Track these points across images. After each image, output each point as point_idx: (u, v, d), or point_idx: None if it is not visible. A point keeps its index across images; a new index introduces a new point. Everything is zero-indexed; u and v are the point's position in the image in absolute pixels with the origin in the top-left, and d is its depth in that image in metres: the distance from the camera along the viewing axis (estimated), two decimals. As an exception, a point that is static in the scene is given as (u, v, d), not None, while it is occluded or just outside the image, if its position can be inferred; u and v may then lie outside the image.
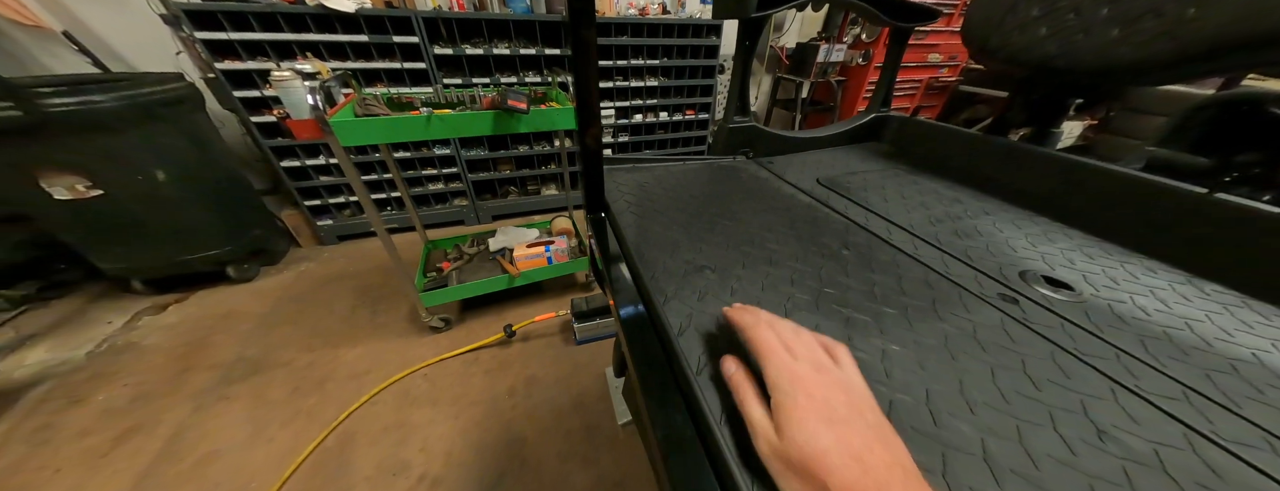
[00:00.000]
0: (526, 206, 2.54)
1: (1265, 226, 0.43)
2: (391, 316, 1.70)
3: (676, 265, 0.46)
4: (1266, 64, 0.53)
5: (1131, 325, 0.39)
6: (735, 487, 0.24)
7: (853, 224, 0.57)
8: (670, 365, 0.34)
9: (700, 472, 0.26)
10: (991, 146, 0.72)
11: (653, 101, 2.47)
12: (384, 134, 1.08)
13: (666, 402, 0.31)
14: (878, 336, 0.36)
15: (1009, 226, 0.57)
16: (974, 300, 0.41)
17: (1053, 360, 0.34)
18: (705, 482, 0.25)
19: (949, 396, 0.30)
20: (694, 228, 0.55)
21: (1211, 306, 0.42)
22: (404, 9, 1.81)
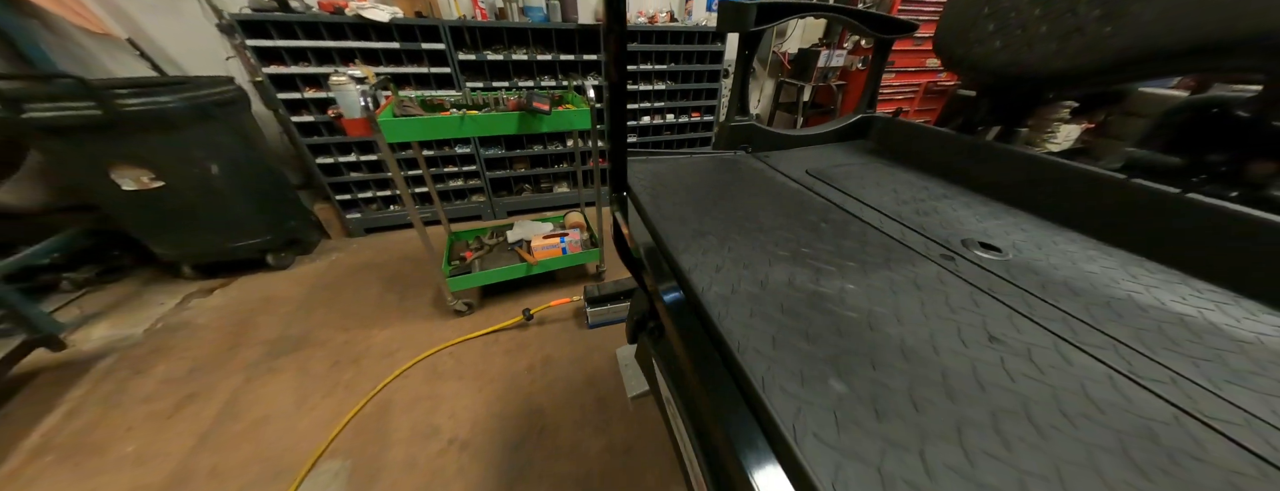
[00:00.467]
0: (540, 203, 2.67)
1: (1167, 206, 0.54)
2: (418, 302, 1.84)
3: (685, 231, 0.58)
4: (1158, 74, 0.63)
5: (1040, 275, 0.50)
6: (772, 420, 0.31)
7: (832, 204, 0.68)
8: (688, 297, 0.45)
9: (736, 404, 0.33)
10: (959, 142, 0.83)
11: (660, 104, 2.60)
12: (423, 131, 1.21)
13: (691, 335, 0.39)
14: (839, 279, 0.47)
15: (963, 207, 0.68)
16: (920, 258, 0.52)
17: (970, 297, 0.45)
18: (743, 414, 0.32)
19: (884, 315, 0.42)
20: (698, 205, 0.66)
21: (1109, 264, 0.52)
22: (432, 18, 1.95)
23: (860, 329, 0.39)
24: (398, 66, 2.01)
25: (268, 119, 2.20)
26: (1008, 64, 0.72)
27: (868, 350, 0.37)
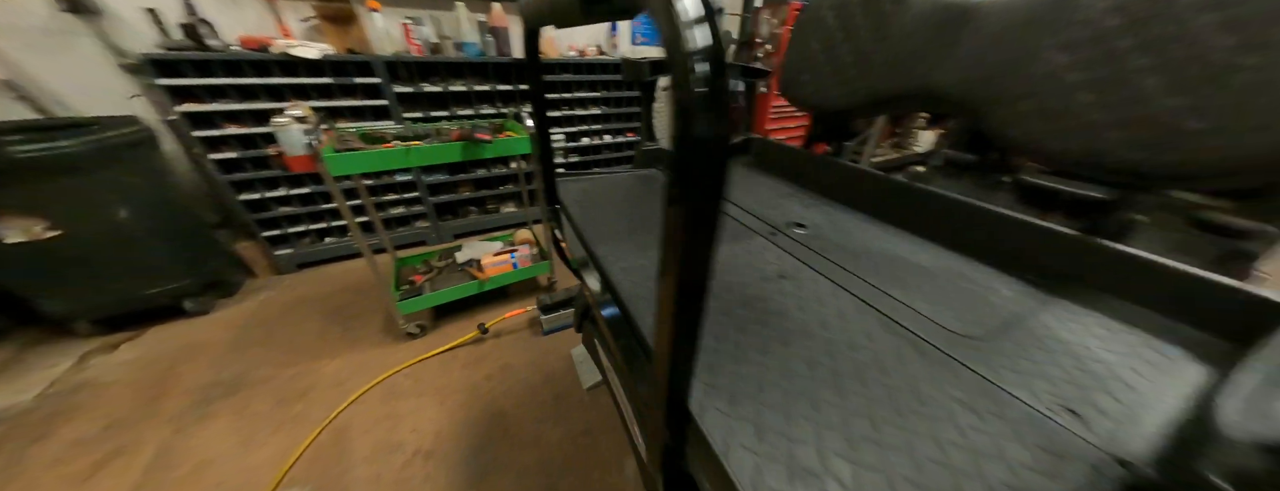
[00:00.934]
0: (487, 224, 2.75)
1: (911, 193, 0.84)
2: (366, 330, 1.83)
3: (607, 232, 0.77)
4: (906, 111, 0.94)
5: (829, 241, 0.76)
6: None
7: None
8: (605, 282, 0.64)
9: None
10: (804, 156, 1.13)
11: (598, 126, 2.84)
12: (369, 164, 1.31)
13: (616, 315, 0.58)
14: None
15: (795, 201, 0.95)
16: (754, 235, 0.77)
17: (776, 255, 0.69)
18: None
19: (721, 269, 0.64)
20: (618, 213, 0.86)
21: (884, 234, 0.80)
22: (366, 55, 2.03)
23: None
24: (330, 100, 2.04)
25: (180, 158, 2.09)
26: (818, 101, 1.03)
27: (712, 289, 0.58)
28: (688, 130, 0.22)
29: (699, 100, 0.21)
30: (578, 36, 2.79)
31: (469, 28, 2.25)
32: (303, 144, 1.15)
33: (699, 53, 0.21)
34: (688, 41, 0.21)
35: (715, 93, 0.21)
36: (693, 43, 0.21)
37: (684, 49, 0.21)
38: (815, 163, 1.06)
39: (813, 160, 1.07)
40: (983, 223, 0.70)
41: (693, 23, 0.21)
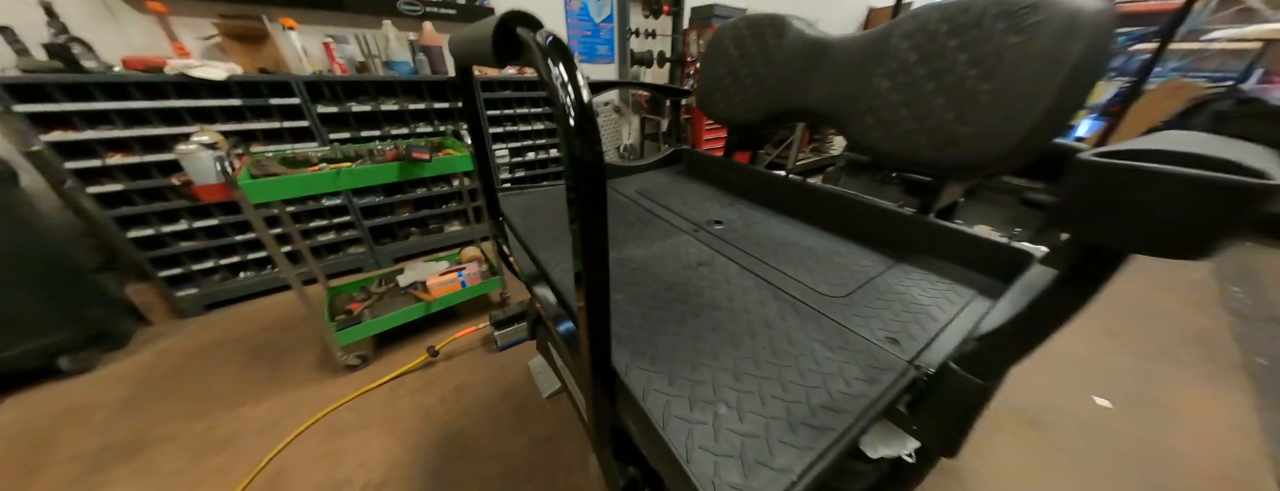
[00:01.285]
0: (430, 245, 2.65)
1: (802, 189, 1.00)
2: (296, 368, 1.69)
3: (550, 239, 0.84)
4: (793, 123, 1.13)
5: (740, 234, 0.89)
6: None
7: (645, 210, 1.02)
8: (549, 282, 0.70)
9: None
10: (724, 163, 1.28)
11: (542, 141, 2.88)
12: (294, 189, 1.25)
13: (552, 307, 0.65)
14: (632, 248, 0.79)
15: (716, 203, 1.09)
16: (680, 232, 0.88)
17: (696, 247, 0.81)
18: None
19: (647, 258, 0.74)
20: (560, 222, 0.93)
21: (783, 224, 0.95)
22: (282, 74, 1.92)
23: (639, 272, 0.70)
24: (241, 123, 1.89)
25: (46, 194, 1.81)
26: (730, 116, 1.19)
27: (642, 279, 0.67)
28: (572, 153, 0.31)
29: (576, 134, 0.30)
30: (513, 55, 2.85)
31: (398, 46, 2.22)
32: (214, 171, 1.08)
33: (573, 102, 0.30)
34: (562, 95, 0.30)
35: (584, 129, 0.30)
36: (567, 96, 0.30)
37: (559, 100, 0.30)
38: (732, 169, 1.21)
39: (730, 166, 1.22)
40: (852, 209, 0.87)
41: (565, 82, 0.30)
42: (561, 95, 0.31)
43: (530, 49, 0.35)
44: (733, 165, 1.21)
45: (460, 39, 0.52)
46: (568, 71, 0.31)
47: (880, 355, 0.51)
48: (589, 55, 3.16)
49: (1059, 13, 0.55)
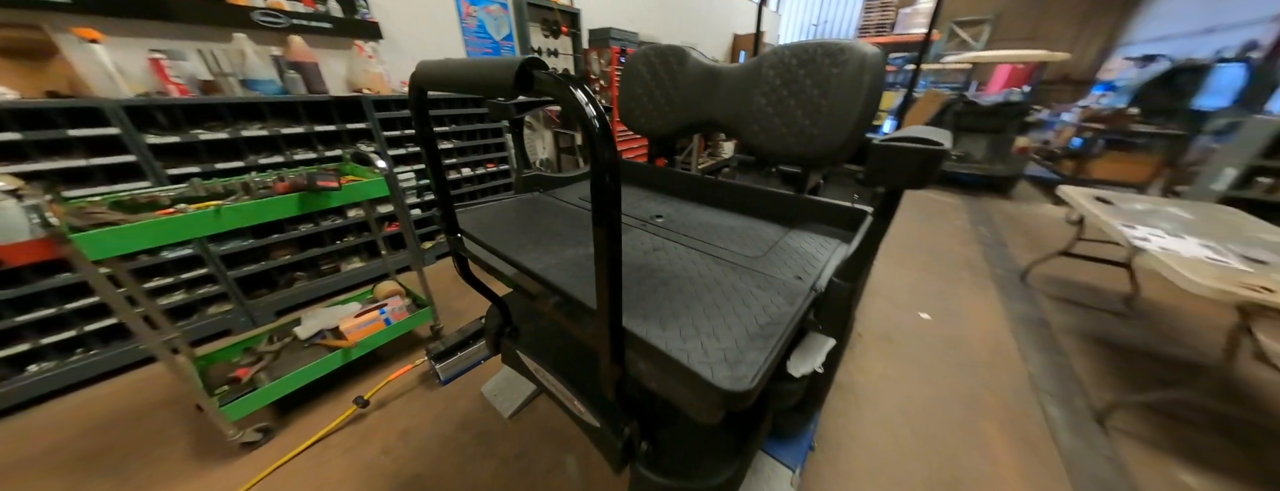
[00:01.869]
0: (323, 289, 2.28)
1: (720, 185, 1.20)
2: (165, 465, 1.32)
3: (522, 244, 0.88)
4: (701, 133, 1.36)
5: (678, 222, 1.04)
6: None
7: (588, 211, 1.11)
8: (540, 280, 0.75)
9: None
10: (649, 168, 1.44)
11: (453, 160, 2.73)
12: (156, 237, 1.01)
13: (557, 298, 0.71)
14: (583, 242, 0.87)
15: (652, 202, 1.24)
16: (632, 228, 1.00)
17: (649, 237, 0.93)
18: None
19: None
20: (522, 230, 0.97)
21: (707, 212, 1.13)
22: (85, 99, 1.50)
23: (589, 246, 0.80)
24: (22, 164, 1.42)
25: None
26: (650, 129, 1.36)
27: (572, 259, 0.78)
28: (597, 155, 0.41)
29: (601, 139, 0.40)
30: (407, 72, 2.66)
31: (259, 62, 1.91)
32: (28, 226, 0.82)
33: (594, 116, 0.40)
34: (586, 112, 0.40)
35: (605, 135, 0.41)
36: (590, 113, 0.40)
37: (584, 117, 0.40)
38: (658, 173, 1.38)
39: (657, 171, 1.39)
40: (754, 196, 1.13)
41: (584, 103, 0.41)
42: (585, 113, 0.40)
43: (550, 82, 0.43)
44: (659, 170, 1.38)
45: (447, 71, 0.56)
46: (584, 95, 0.40)
47: (793, 286, 0.73)
48: (491, 73, 3.12)
49: (856, 54, 0.87)
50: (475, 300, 2.28)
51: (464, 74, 0.53)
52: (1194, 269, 1.29)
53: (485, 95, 0.52)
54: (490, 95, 0.50)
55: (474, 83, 0.51)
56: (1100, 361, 1.88)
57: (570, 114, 0.42)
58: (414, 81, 0.62)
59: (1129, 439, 1.47)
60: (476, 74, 0.51)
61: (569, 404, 0.94)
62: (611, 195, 0.44)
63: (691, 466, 0.75)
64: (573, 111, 0.42)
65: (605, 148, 0.41)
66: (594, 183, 0.44)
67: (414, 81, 0.62)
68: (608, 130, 0.41)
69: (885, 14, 8.15)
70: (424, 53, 2.74)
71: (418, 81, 0.61)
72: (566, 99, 0.42)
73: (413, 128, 2.59)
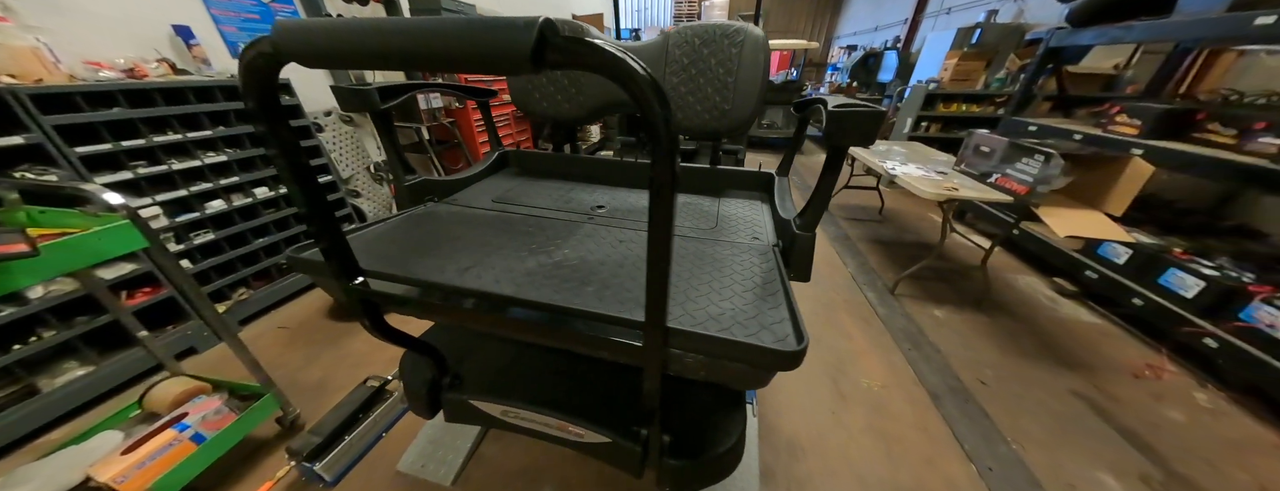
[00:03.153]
0: (15, 430, 1.32)
1: (626, 166, 1.16)
2: None
3: (463, 265, 0.69)
4: (610, 113, 1.29)
5: (621, 209, 0.99)
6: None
7: (525, 215, 0.94)
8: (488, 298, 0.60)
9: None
10: (561, 158, 1.29)
11: (231, 180, 1.87)
12: None
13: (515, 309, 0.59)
14: (560, 249, 0.74)
15: (581, 192, 1.13)
16: (581, 224, 0.90)
17: (607, 231, 0.84)
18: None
19: (578, 253, 0.73)
20: (436, 253, 0.73)
21: (638, 194, 1.09)
22: None
23: (583, 266, 0.71)
24: None
25: None
26: (553, 114, 1.20)
27: (593, 268, 0.68)
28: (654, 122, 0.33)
29: (655, 104, 0.32)
30: (99, 48, 1.63)
31: None
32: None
33: (646, 81, 0.31)
34: (640, 78, 0.31)
35: (661, 98, 0.32)
36: (643, 77, 0.31)
37: (637, 83, 0.31)
38: (573, 161, 1.28)
39: (571, 160, 1.29)
40: (680, 174, 1.14)
41: (633, 70, 0.30)
42: (639, 79, 0.31)
43: (587, 50, 0.30)
44: (573, 157, 1.28)
45: (368, 37, 0.33)
46: (631, 60, 0.30)
47: (756, 246, 0.82)
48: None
49: (750, 35, 0.98)
50: (332, 364, 1.71)
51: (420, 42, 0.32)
52: (923, 183, 1.97)
53: (473, 70, 0.33)
54: (480, 71, 0.32)
55: (447, 54, 0.31)
56: (881, 254, 2.76)
57: (628, 90, 0.31)
58: (271, 51, 0.35)
59: (908, 298, 2.24)
60: (448, 42, 0.31)
61: (560, 433, 0.79)
62: (673, 181, 0.36)
63: (709, 438, 0.76)
64: (624, 77, 0.31)
65: (662, 112, 0.32)
66: (655, 167, 0.35)
67: (271, 51, 0.35)
68: (659, 89, 0.32)
69: (692, 5, 9.39)
70: (131, 13, 1.73)
71: (285, 51, 0.35)
72: (615, 69, 0.30)
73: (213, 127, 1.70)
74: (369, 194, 2.74)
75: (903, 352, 1.82)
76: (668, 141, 0.33)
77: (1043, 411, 1.51)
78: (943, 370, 1.71)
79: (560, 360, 0.95)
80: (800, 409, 1.51)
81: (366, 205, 2.69)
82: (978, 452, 1.34)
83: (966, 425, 1.44)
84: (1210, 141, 1.88)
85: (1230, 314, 1.60)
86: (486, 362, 0.95)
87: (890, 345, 1.87)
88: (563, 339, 0.60)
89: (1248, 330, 1.54)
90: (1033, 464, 1.31)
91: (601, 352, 0.58)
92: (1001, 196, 1.86)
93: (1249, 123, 1.73)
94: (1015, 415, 1.49)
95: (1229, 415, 1.52)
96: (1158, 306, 1.80)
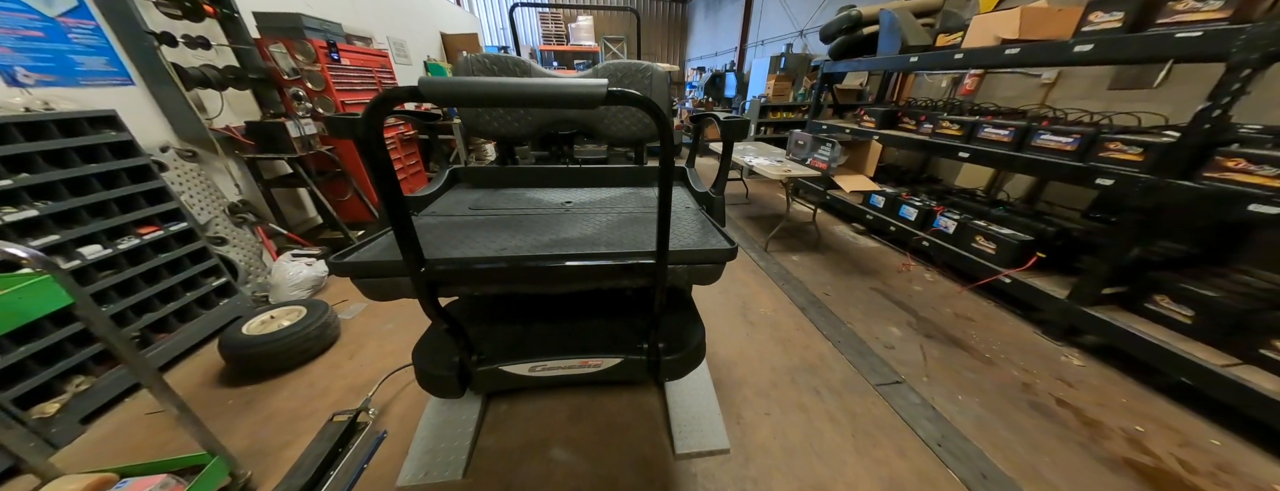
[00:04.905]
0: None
1: (588, 169, 1.48)
2: None
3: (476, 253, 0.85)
4: (558, 132, 1.58)
5: (588, 204, 1.27)
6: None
7: (513, 215, 1.14)
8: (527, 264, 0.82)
9: None
10: (511, 170, 1.49)
11: (50, 239, 1.46)
12: None
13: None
14: (555, 232, 1.00)
15: (545, 194, 1.36)
16: (558, 218, 1.14)
17: (582, 220, 1.13)
18: None
19: (572, 236, 1.01)
20: (447, 248, 0.91)
21: (593, 191, 1.40)
22: None
23: (581, 235, 0.98)
24: None
25: None
26: (505, 133, 1.43)
27: (589, 242, 0.95)
28: (667, 143, 0.65)
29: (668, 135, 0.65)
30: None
31: None
32: None
33: (659, 112, 0.65)
34: (658, 111, 0.63)
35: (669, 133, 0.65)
36: (659, 112, 0.64)
37: (666, 123, 0.63)
38: (522, 172, 1.49)
39: (519, 171, 1.49)
40: (614, 173, 1.48)
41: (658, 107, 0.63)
42: (663, 118, 0.63)
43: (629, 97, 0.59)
44: (523, 169, 1.51)
45: (494, 89, 0.58)
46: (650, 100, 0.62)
47: (690, 212, 1.16)
48: (63, 72, 1.77)
49: (657, 72, 1.39)
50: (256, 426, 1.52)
51: (536, 92, 0.58)
52: (770, 170, 2.81)
53: (569, 107, 0.61)
54: (577, 107, 0.61)
55: (556, 99, 0.58)
56: (754, 226, 3.67)
57: (657, 118, 0.64)
58: (400, 99, 0.56)
59: (776, 253, 3.06)
60: (556, 93, 0.58)
61: (582, 368, 1.03)
62: (670, 167, 0.68)
63: (685, 339, 1.09)
64: (656, 116, 0.63)
65: (669, 132, 0.65)
66: (663, 160, 0.66)
67: (400, 99, 0.56)
68: (669, 124, 0.65)
69: (559, 26, 9.89)
70: None
71: (410, 98, 0.56)
72: (647, 106, 0.60)
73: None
74: (235, 240, 2.32)
75: (779, 287, 2.56)
76: (668, 138, 0.65)
77: (859, 302, 2.39)
78: (804, 293, 2.49)
79: (555, 322, 1.19)
80: (726, 338, 2.05)
81: (235, 254, 2.27)
82: (831, 335, 2.07)
83: (823, 321, 2.19)
84: (906, 128, 3.14)
85: (929, 225, 2.76)
86: (501, 338, 1.13)
87: (771, 284, 2.60)
88: (596, 276, 0.83)
89: (938, 232, 2.68)
90: (858, 332, 2.10)
91: (623, 279, 0.85)
92: (813, 172, 2.75)
93: (919, 116, 2.97)
94: (846, 308, 2.33)
95: (940, 282, 2.64)
96: (900, 228, 2.96)
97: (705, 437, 1.41)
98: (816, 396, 1.66)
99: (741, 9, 9.01)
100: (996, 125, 2.31)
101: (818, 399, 1.65)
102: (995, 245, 2.31)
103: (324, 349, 1.91)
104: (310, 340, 1.81)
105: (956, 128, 2.55)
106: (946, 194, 3.07)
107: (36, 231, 1.45)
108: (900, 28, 2.77)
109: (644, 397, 1.61)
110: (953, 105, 3.04)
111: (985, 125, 2.37)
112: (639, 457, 1.37)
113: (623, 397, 1.60)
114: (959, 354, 1.94)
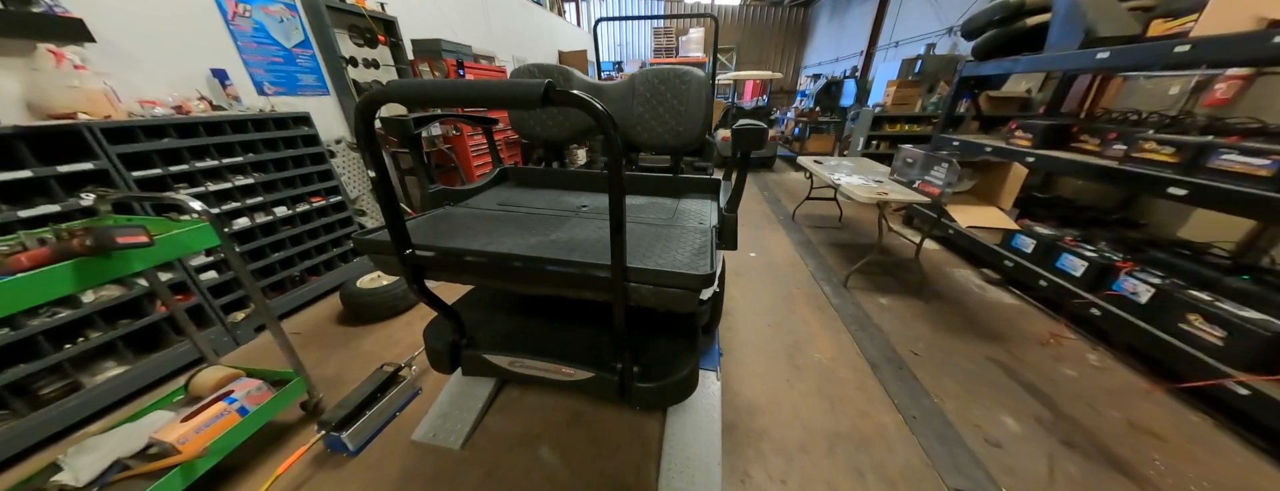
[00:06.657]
0: (58, 421, 1.46)
1: (628, 179, 1.46)
2: None
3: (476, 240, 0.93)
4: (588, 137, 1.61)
5: (599, 208, 1.26)
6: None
7: (528, 213, 1.21)
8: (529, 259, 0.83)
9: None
10: (549, 172, 1.58)
11: (256, 200, 2.10)
12: None
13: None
14: (560, 232, 1.01)
15: (567, 197, 1.41)
16: (569, 217, 1.16)
17: (579, 218, 1.12)
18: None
19: (572, 235, 0.99)
20: (452, 236, 1.00)
21: (639, 200, 1.38)
22: None
23: (568, 238, 0.97)
24: None
25: None
26: (547, 137, 1.51)
27: (588, 243, 0.93)
28: (612, 142, 0.60)
29: (613, 129, 0.59)
30: (147, 88, 1.91)
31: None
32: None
33: (603, 115, 0.58)
34: (604, 119, 0.58)
35: (614, 127, 0.58)
36: (603, 115, 0.58)
37: (600, 119, 0.58)
38: (559, 174, 1.57)
39: (557, 173, 1.57)
40: (648, 180, 1.46)
41: (602, 110, 0.57)
42: (597, 112, 0.57)
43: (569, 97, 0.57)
44: (560, 171, 1.58)
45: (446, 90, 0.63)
46: (594, 100, 0.57)
47: (700, 229, 1.08)
48: (289, 86, 2.52)
49: (696, 77, 1.34)
50: (346, 361, 1.90)
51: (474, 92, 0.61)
52: (860, 190, 2.34)
53: (507, 108, 0.62)
54: (514, 108, 0.60)
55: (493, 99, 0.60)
56: (837, 255, 3.15)
57: (597, 120, 0.58)
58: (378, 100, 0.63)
59: (857, 290, 2.55)
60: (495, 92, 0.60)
61: (555, 375, 1.02)
62: (620, 174, 0.63)
63: (666, 369, 1.00)
64: (595, 118, 0.58)
65: (617, 139, 0.60)
66: (611, 163, 0.62)
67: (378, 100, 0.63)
68: (615, 127, 0.59)
69: (670, 40, 10.16)
70: (177, 60, 2.01)
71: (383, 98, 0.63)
72: (589, 108, 0.57)
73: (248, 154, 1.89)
74: (372, 213, 2.98)
75: (850, 333, 2.09)
76: (616, 146, 0.60)
77: (962, 373, 1.78)
78: (882, 345, 1.98)
79: (554, 323, 1.20)
80: (760, 378, 1.75)
81: (370, 222, 2.92)
82: (905, 405, 1.59)
83: (897, 386, 1.70)
84: (1082, 149, 2.29)
85: (1106, 286, 1.94)
86: (496, 328, 1.19)
87: (840, 327, 2.15)
88: (556, 282, 0.84)
89: (1120, 299, 1.87)
90: (949, 411, 1.56)
91: (584, 291, 0.83)
92: (921, 197, 2.21)
93: (1106, 134, 2.15)
94: (939, 377, 1.76)
95: (1112, 370, 1.81)
96: (1056, 285, 2.14)
97: (695, 486, 1.25)
98: (857, 479, 1.30)
99: (873, 7, 7.93)
100: (1246, 150, 1.52)
101: (858, 482, 1.29)
102: (1225, 332, 1.51)
103: (407, 308, 2.30)
104: (397, 299, 2.21)
105: (1169, 152, 1.77)
106: (1148, 246, 2.12)
107: (252, 193, 2.10)
108: (1085, 14, 2.05)
109: (644, 420, 1.51)
110: (1174, 120, 2.12)
111: (1222, 150, 1.58)
112: (619, 484, 1.29)
113: (623, 414, 1.53)
114: (1117, 483, 1.30)
